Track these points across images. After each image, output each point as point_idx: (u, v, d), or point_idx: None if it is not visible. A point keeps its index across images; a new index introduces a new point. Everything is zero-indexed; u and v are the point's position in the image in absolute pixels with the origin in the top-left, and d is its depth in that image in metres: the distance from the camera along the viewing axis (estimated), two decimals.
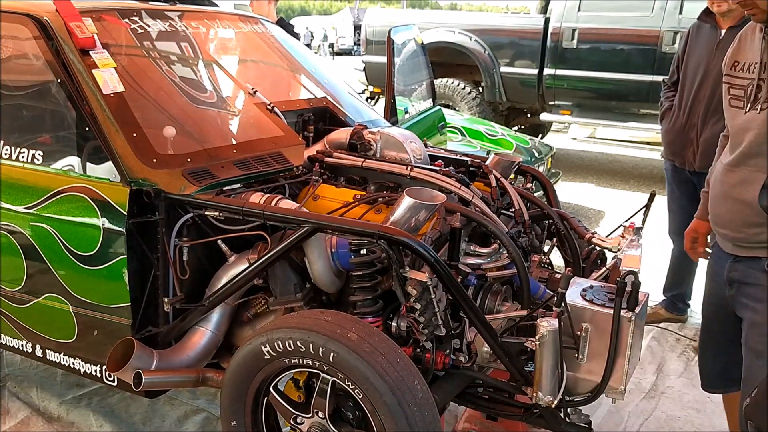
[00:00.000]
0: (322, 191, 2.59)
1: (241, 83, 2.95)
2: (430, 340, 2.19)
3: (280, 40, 3.52)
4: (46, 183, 2.43)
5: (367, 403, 1.92)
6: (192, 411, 3.08)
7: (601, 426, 3.02)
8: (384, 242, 2.06)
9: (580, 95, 7.82)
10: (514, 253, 2.32)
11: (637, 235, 2.50)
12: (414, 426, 1.87)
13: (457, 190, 2.52)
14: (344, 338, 1.90)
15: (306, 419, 2.10)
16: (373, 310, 2.21)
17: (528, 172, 3.15)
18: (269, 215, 2.20)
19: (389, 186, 2.63)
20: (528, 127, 9.08)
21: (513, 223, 2.63)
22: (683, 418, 3.12)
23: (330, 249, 2.27)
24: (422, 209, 2.18)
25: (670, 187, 3.89)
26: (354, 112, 3.35)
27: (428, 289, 2.09)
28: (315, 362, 1.96)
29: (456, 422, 2.94)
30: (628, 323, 2.05)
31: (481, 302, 2.37)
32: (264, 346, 2.01)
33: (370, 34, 8.90)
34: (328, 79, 3.54)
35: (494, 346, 2.15)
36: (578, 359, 2.13)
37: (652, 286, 4.07)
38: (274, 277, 2.32)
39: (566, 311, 2.05)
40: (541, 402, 2.10)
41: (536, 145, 6.07)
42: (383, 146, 2.83)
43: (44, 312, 2.52)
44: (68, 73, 2.42)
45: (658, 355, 3.72)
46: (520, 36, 8.11)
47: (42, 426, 2.93)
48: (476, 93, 8.37)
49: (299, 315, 2.11)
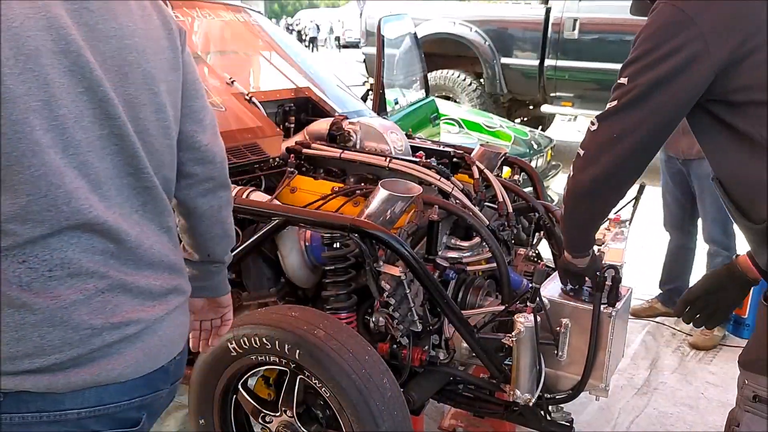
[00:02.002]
0: (300, 183, 2.52)
1: (218, 72, 2.89)
2: (406, 336, 2.13)
3: (265, 29, 3.45)
4: None
5: (335, 402, 1.86)
6: (173, 407, 3.03)
7: (590, 423, 2.95)
8: (356, 235, 2.00)
9: (581, 86, 7.71)
10: (493, 246, 2.25)
11: (622, 228, 2.42)
12: (382, 425, 1.81)
13: (436, 181, 2.45)
14: (310, 335, 1.85)
15: (274, 418, 2.05)
16: (346, 306, 2.15)
17: (516, 164, 3.07)
18: (238, 207, 2.13)
19: (368, 178, 2.56)
20: (530, 119, 8.99)
21: (495, 215, 2.56)
22: (675, 415, 3.05)
23: (304, 243, 2.21)
24: (398, 201, 2.11)
25: (665, 178, 3.81)
26: (338, 103, 3.28)
27: (402, 284, 2.03)
28: (282, 359, 1.91)
29: (441, 419, 2.88)
30: (609, 319, 1.98)
31: (462, 297, 2.31)
32: (230, 342, 1.96)
33: (370, 26, 8.81)
34: (313, 69, 3.47)
35: (471, 342, 2.09)
36: (558, 356, 2.07)
37: (649, 280, 4.01)
38: (246, 271, 2.27)
39: (542, 307, 1.98)
40: (519, 399, 2.04)
41: (535, 137, 5.99)
42: (363, 137, 2.76)
43: None
44: None
45: (652, 350, 3.64)
46: (521, 27, 8.01)
47: None
48: (477, 85, 8.28)
49: (266, 311, 2.06)
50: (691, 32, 1.41)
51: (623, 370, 3.38)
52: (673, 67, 1.43)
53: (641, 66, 1.49)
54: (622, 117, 1.53)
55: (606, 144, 1.57)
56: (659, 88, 1.46)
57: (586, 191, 1.64)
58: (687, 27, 1.41)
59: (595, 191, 1.64)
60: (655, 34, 1.47)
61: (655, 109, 1.49)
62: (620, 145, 1.54)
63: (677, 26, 1.43)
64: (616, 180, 1.61)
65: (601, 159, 1.58)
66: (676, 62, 1.43)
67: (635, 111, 1.50)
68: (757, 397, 1.54)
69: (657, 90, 1.47)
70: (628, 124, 1.52)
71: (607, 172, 1.58)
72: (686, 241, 3.86)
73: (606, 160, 1.57)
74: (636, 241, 2.99)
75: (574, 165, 1.67)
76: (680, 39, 1.42)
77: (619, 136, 1.54)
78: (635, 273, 3.13)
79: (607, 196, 1.66)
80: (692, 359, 3.55)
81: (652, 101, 1.48)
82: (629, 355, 3.53)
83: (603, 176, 1.59)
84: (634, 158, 1.56)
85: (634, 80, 1.49)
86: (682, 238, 3.85)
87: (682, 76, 1.44)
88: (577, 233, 1.82)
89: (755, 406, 1.55)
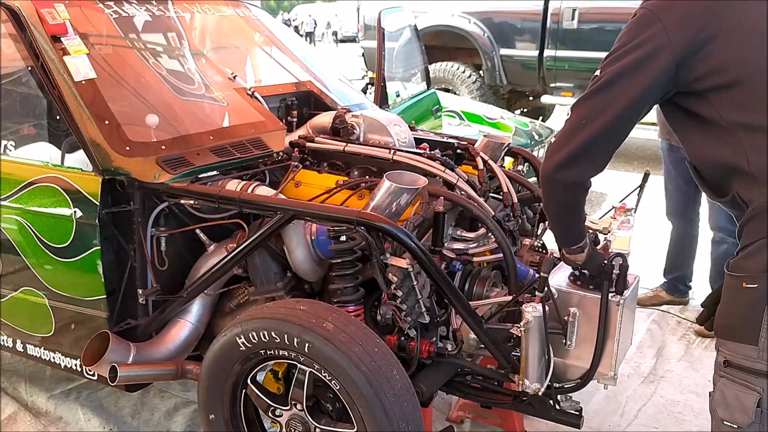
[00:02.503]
0: (305, 177, 2.52)
1: (220, 68, 2.88)
2: (414, 328, 2.13)
3: (265, 24, 3.44)
4: (19, 174, 2.38)
5: (345, 395, 1.86)
6: (182, 403, 3.04)
7: (598, 411, 2.96)
8: (363, 228, 1.99)
9: (581, 76, 7.67)
10: (499, 237, 2.25)
11: (628, 216, 2.42)
12: (392, 417, 1.81)
13: (441, 173, 2.44)
14: (320, 328, 1.84)
15: (284, 411, 2.05)
16: (353, 299, 2.14)
17: (519, 155, 3.07)
18: (245, 203, 2.13)
19: (373, 170, 2.55)
20: (530, 109, 8.97)
21: (501, 206, 2.55)
22: (682, 402, 3.05)
23: (310, 236, 2.21)
24: (403, 193, 2.11)
25: (667, 166, 3.80)
26: (340, 96, 3.27)
27: (409, 276, 2.02)
28: (291, 353, 1.91)
29: (450, 410, 2.88)
30: (617, 307, 1.98)
31: (468, 288, 2.31)
32: (239, 337, 1.95)
33: (369, 20, 8.79)
34: (315, 64, 3.46)
35: (479, 333, 2.09)
36: (566, 345, 2.07)
37: (653, 269, 4.00)
38: (253, 266, 2.26)
39: (550, 296, 1.98)
40: (528, 389, 2.04)
41: (536, 128, 5.98)
42: (366, 130, 2.75)
43: (22, 306, 2.47)
44: (40, 60, 2.36)
45: (658, 338, 3.64)
46: (519, 17, 7.98)
47: (29, 421, 2.89)
48: (477, 77, 8.26)
49: (274, 305, 2.05)
50: (656, 27, 1.57)
51: (629, 358, 3.38)
52: (637, 58, 1.58)
53: (611, 59, 1.63)
54: (590, 102, 1.64)
55: (573, 129, 1.65)
56: (624, 76, 1.59)
57: (552, 177, 1.70)
58: (653, 24, 1.58)
59: (559, 176, 1.69)
60: (627, 33, 1.64)
61: (619, 95, 1.60)
62: (586, 129, 1.63)
63: (645, 24, 1.59)
64: (579, 165, 1.67)
65: (567, 144, 1.66)
66: (641, 54, 1.58)
67: (601, 96, 1.62)
68: (727, 362, 1.63)
69: (622, 78, 1.60)
70: (595, 109, 1.63)
71: (571, 155, 1.65)
72: (689, 229, 3.85)
73: (571, 144, 1.65)
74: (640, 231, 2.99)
75: (545, 154, 1.75)
76: (646, 34, 1.58)
77: (586, 121, 1.63)
78: (639, 262, 3.13)
79: (572, 180, 1.70)
80: (698, 347, 3.55)
81: (616, 88, 1.60)
82: (635, 343, 3.53)
83: (567, 159, 1.66)
84: (598, 143, 1.65)
85: (603, 70, 1.63)
86: (685, 226, 3.85)
87: (646, 66, 1.58)
88: (558, 226, 1.86)
89: (727, 371, 1.63)
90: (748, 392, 1.59)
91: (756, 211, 1.56)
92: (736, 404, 1.61)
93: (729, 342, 1.63)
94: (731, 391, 1.62)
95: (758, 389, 1.57)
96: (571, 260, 1.92)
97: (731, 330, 1.62)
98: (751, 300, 1.55)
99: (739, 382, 1.60)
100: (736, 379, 1.60)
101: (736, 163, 1.57)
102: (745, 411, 1.59)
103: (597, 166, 1.68)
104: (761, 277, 1.53)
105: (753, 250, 1.57)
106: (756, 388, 1.57)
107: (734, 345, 1.61)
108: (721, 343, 1.66)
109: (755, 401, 1.57)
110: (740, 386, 1.60)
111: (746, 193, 1.59)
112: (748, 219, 1.59)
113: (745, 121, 1.55)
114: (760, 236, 1.55)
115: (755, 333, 1.55)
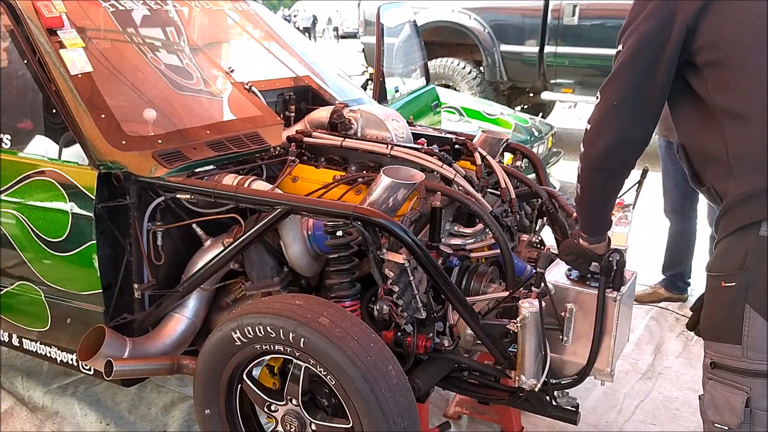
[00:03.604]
0: (302, 172, 2.51)
1: (217, 62, 2.87)
2: (410, 324, 2.12)
3: (264, 19, 3.42)
4: (14, 168, 2.37)
5: (340, 390, 1.86)
6: (179, 398, 3.03)
7: (595, 408, 2.95)
8: (359, 223, 1.98)
9: (582, 73, 7.66)
10: (497, 232, 2.24)
11: (626, 212, 2.41)
12: (388, 412, 1.80)
13: (438, 168, 2.43)
14: (315, 323, 1.84)
15: (280, 407, 2.04)
16: (350, 294, 2.13)
17: (518, 150, 3.06)
18: (241, 197, 2.13)
19: (370, 166, 2.54)
20: (530, 106, 8.94)
21: (499, 202, 2.54)
22: (680, 399, 3.05)
23: (306, 231, 2.20)
24: (400, 188, 2.10)
25: (664, 164, 3.79)
26: (339, 91, 3.26)
27: (406, 272, 2.02)
28: (286, 348, 1.90)
29: (447, 406, 2.87)
30: (614, 303, 1.97)
31: (465, 284, 2.30)
32: (234, 332, 1.95)
33: (369, 16, 8.76)
34: (313, 58, 3.45)
35: (476, 328, 2.08)
36: (563, 341, 2.06)
37: (652, 266, 4.00)
38: (249, 261, 2.25)
39: (546, 291, 1.97)
40: (525, 385, 2.04)
41: (536, 124, 5.96)
42: (364, 125, 2.74)
43: (17, 300, 2.46)
44: (36, 54, 2.35)
45: (656, 335, 3.64)
46: (520, 13, 7.95)
47: (26, 416, 2.89)
48: (477, 73, 8.23)
49: (270, 300, 2.05)
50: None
51: (627, 355, 3.38)
52: (656, 23, 1.55)
53: (629, 32, 1.60)
54: (621, 80, 1.61)
55: (610, 111, 1.62)
56: (648, 44, 1.57)
57: (601, 163, 1.68)
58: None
59: (609, 161, 1.67)
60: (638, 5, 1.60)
61: (647, 66, 1.57)
62: (625, 108, 1.60)
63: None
64: (626, 145, 1.64)
65: (609, 128, 1.63)
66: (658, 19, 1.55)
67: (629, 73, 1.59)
68: (714, 363, 1.62)
69: (646, 47, 1.57)
70: (626, 88, 1.60)
71: (617, 138, 1.62)
72: (687, 225, 3.85)
73: (613, 128, 1.62)
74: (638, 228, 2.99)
75: (583, 141, 1.71)
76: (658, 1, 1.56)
77: (620, 103, 1.60)
78: (638, 259, 3.12)
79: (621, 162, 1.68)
80: (696, 344, 3.54)
81: (641, 59, 1.58)
82: (633, 340, 3.53)
83: (614, 144, 1.63)
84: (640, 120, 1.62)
85: (624, 43, 1.61)
86: (683, 223, 3.84)
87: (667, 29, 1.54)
88: (595, 212, 1.83)
89: (714, 373, 1.62)
90: (736, 392, 1.57)
91: (729, 204, 1.54)
92: (725, 405, 1.60)
93: (714, 343, 1.62)
94: (720, 392, 1.61)
95: (745, 388, 1.56)
96: (590, 250, 1.90)
97: (714, 331, 1.61)
98: (731, 298, 1.54)
99: (727, 383, 1.59)
100: (724, 380, 1.59)
101: (716, 151, 1.55)
102: (734, 411, 1.57)
103: (644, 142, 1.65)
104: (738, 274, 1.52)
105: (727, 247, 1.55)
106: (743, 387, 1.56)
107: (719, 346, 1.60)
108: (708, 344, 1.65)
109: (743, 401, 1.56)
110: (728, 387, 1.59)
111: (721, 185, 1.57)
112: (723, 213, 1.57)
113: (728, 106, 1.52)
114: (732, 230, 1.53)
115: (738, 332, 1.53)
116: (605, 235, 1.89)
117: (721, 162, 1.54)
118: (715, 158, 1.56)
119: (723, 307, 1.57)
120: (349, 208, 2.00)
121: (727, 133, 1.52)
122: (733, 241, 1.53)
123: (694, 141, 1.65)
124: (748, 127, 1.50)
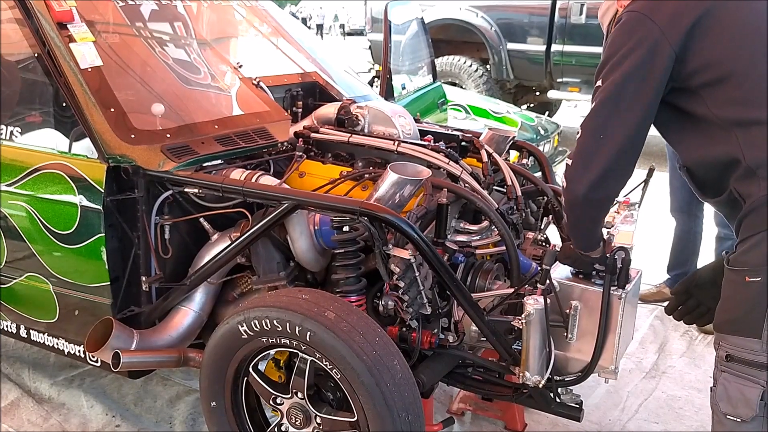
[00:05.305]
0: (309, 168, 2.52)
1: (226, 58, 2.89)
2: (416, 319, 2.14)
3: (272, 14, 3.44)
4: (24, 160, 2.39)
5: (346, 383, 1.87)
6: (184, 391, 3.05)
7: (599, 406, 2.96)
8: (366, 219, 2.00)
9: (588, 72, 7.64)
10: (502, 229, 2.25)
11: (631, 211, 2.41)
12: (392, 406, 1.82)
13: (445, 165, 2.44)
14: (321, 317, 1.85)
15: (286, 400, 2.06)
16: (355, 289, 2.15)
17: (524, 148, 3.06)
18: (248, 192, 2.14)
19: (377, 162, 2.55)
20: (536, 104, 8.94)
21: (504, 199, 2.55)
22: (684, 398, 3.05)
23: (313, 226, 2.22)
24: (407, 185, 2.11)
25: (672, 163, 3.79)
26: (346, 88, 3.27)
27: (412, 267, 2.03)
28: (292, 341, 1.91)
29: (451, 402, 2.89)
30: (619, 301, 1.98)
31: (471, 280, 2.31)
32: (240, 325, 1.96)
33: (376, 13, 8.77)
34: (321, 54, 3.45)
35: (481, 325, 2.09)
36: (567, 338, 2.07)
37: (657, 265, 3.99)
38: (256, 255, 2.27)
39: (552, 288, 1.98)
40: (529, 382, 2.05)
41: (542, 123, 5.97)
42: (371, 121, 2.75)
43: (26, 292, 2.48)
44: (46, 47, 2.37)
45: (660, 334, 3.64)
46: (527, 12, 7.95)
47: (32, 407, 2.91)
48: (483, 71, 8.24)
49: (276, 293, 2.06)
50: (648, 26, 1.56)
51: (631, 354, 3.38)
52: (639, 59, 1.57)
53: (609, 67, 1.61)
54: (601, 116, 1.62)
55: (593, 147, 1.64)
56: (630, 80, 1.58)
57: (585, 199, 1.71)
58: (644, 23, 1.57)
59: (593, 196, 1.70)
60: (619, 37, 1.62)
61: (632, 100, 1.59)
62: (608, 143, 1.62)
63: (636, 25, 1.59)
64: (612, 180, 1.68)
65: (592, 163, 1.65)
66: (641, 53, 1.57)
67: (612, 108, 1.60)
68: (730, 356, 1.65)
69: (629, 82, 1.58)
70: (611, 121, 1.61)
71: (601, 173, 1.65)
72: (693, 225, 3.84)
73: (597, 163, 1.64)
74: (644, 227, 2.99)
75: (566, 176, 1.74)
76: (640, 34, 1.57)
77: (604, 136, 1.62)
78: (643, 258, 3.13)
79: (605, 196, 1.73)
80: (700, 343, 3.55)
81: (626, 94, 1.58)
82: (637, 339, 3.53)
83: (598, 180, 1.66)
84: (623, 155, 1.64)
85: (606, 79, 1.61)
86: (689, 222, 3.84)
87: (650, 64, 1.57)
88: (585, 236, 1.89)
89: (729, 366, 1.65)
90: (751, 386, 1.60)
91: (755, 204, 1.57)
92: (739, 398, 1.62)
93: (731, 336, 1.64)
94: (734, 385, 1.63)
95: (762, 382, 1.59)
96: (586, 256, 1.94)
97: (734, 324, 1.63)
98: (755, 293, 1.57)
99: (742, 375, 1.61)
100: (739, 373, 1.62)
101: (732, 160, 1.58)
102: (749, 404, 1.60)
103: (627, 175, 1.69)
104: (764, 270, 1.54)
105: (754, 244, 1.57)
106: (760, 381, 1.59)
107: (736, 339, 1.62)
108: (722, 338, 1.67)
109: (759, 394, 1.59)
110: (743, 380, 1.61)
111: (744, 187, 1.59)
112: (748, 212, 1.59)
113: (738, 117, 1.56)
114: (760, 229, 1.56)
115: (758, 326, 1.56)
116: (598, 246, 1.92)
117: (741, 167, 1.57)
118: (732, 165, 1.59)
119: (745, 301, 1.60)
120: (356, 203, 2.01)
121: (741, 142, 1.55)
122: (761, 239, 1.56)
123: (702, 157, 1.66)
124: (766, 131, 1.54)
